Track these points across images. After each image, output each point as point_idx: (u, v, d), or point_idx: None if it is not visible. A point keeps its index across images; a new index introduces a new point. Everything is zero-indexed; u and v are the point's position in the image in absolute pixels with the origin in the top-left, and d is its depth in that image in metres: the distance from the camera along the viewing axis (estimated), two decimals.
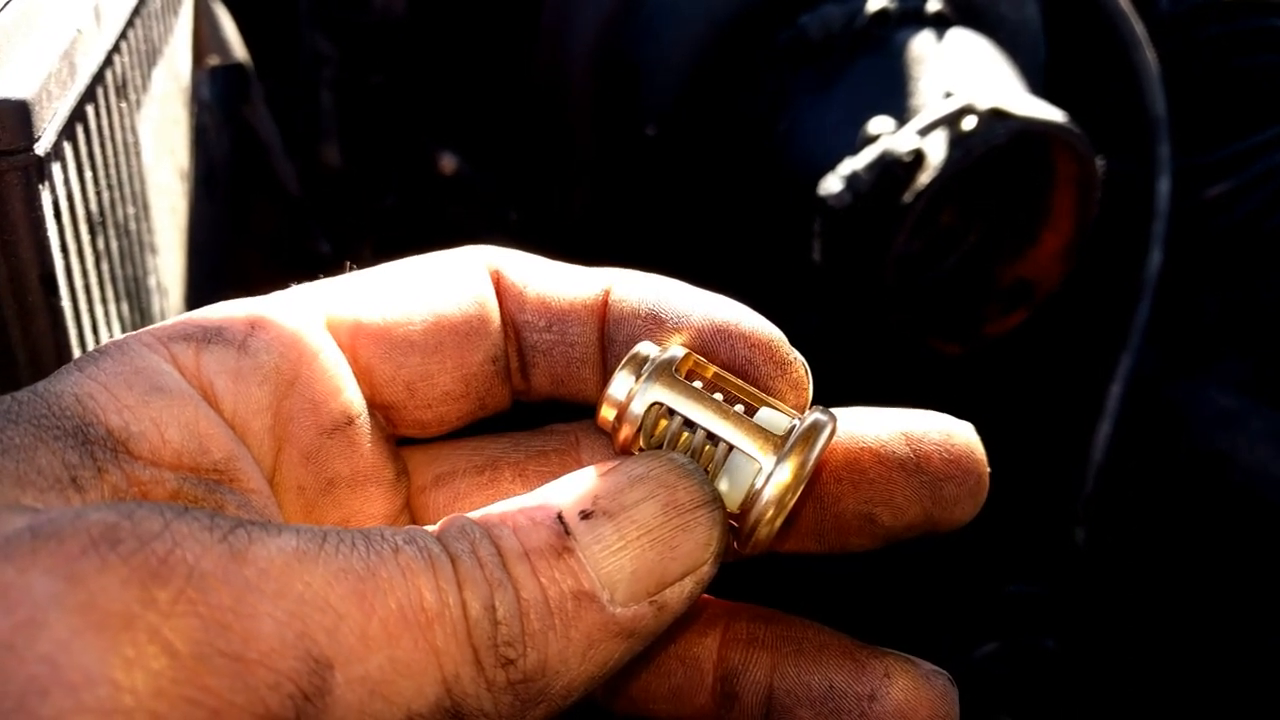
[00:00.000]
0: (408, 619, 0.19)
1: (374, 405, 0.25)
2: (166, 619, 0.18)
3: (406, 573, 0.20)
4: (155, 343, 0.23)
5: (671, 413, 0.23)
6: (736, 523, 0.23)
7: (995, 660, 0.75)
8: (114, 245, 0.42)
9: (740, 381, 0.24)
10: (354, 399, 0.24)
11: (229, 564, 0.19)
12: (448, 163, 0.79)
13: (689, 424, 0.23)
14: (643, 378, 0.23)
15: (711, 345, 0.24)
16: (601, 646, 0.20)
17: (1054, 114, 0.63)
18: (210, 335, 0.23)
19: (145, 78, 0.50)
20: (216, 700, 0.18)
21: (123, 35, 0.44)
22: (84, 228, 0.38)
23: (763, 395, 0.24)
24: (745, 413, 0.23)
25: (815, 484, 0.24)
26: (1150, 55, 0.74)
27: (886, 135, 0.62)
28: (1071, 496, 0.72)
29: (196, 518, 0.19)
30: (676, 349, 0.24)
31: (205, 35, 0.67)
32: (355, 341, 0.25)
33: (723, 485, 0.23)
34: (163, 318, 0.51)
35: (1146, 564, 0.77)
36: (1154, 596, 0.77)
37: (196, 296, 0.61)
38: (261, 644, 0.18)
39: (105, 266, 0.41)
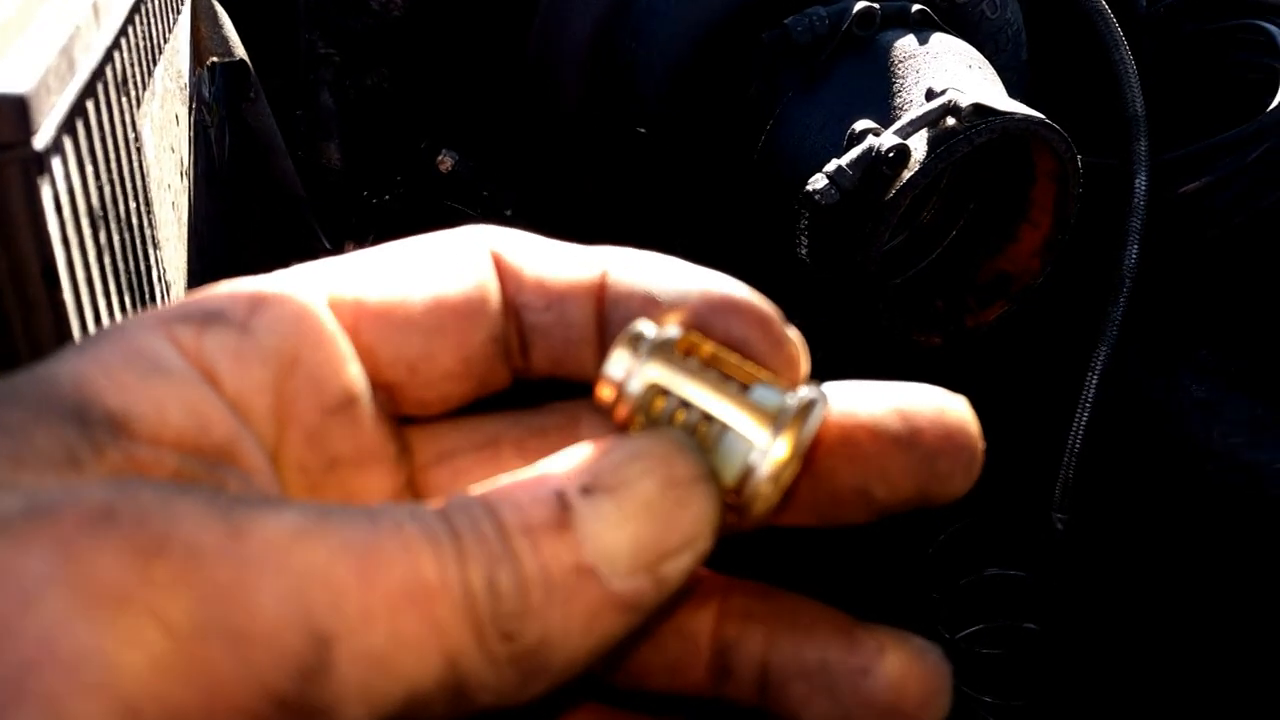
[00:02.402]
0: (410, 594, 0.19)
1: (376, 384, 0.25)
2: (165, 596, 0.18)
3: (409, 548, 0.19)
4: (156, 324, 0.23)
5: (668, 390, 0.23)
6: (733, 497, 0.23)
7: (977, 642, 0.78)
8: (116, 239, 0.43)
9: (737, 357, 0.24)
10: (357, 379, 0.24)
11: (229, 540, 0.18)
12: (446, 161, 0.80)
13: (685, 401, 0.23)
14: (640, 356, 0.23)
15: (708, 322, 0.24)
16: (602, 620, 0.20)
17: (1033, 113, 0.65)
18: (211, 316, 0.23)
19: (146, 75, 0.51)
20: (216, 676, 0.18)
21: (122, 32, 0.45)
22: (85, 221, 0.38)
23: (759, 371, 0.24)
24: (741, 388, 0.23)
25: (811, 459, 0.24)
26: (1128, 54, 0.76)
27: (871, 134, 0.64)
28: (1050, 484, 0.74)
29: (196, 495, 0.19)
30: (673, 327, 0.24)
31: (206, 35, 0.68)
32: (357, 321, 0.24)
33: (719, 461, 0.23)
34: None
35: (1124, 549, 0.79)
36: (1131, 580, 0.79)
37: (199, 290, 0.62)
38: (262, 620, 0.18)
39: (107, 260, 0.41)
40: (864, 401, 0.24)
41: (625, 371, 0.23)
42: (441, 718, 0.20)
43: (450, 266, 0.25)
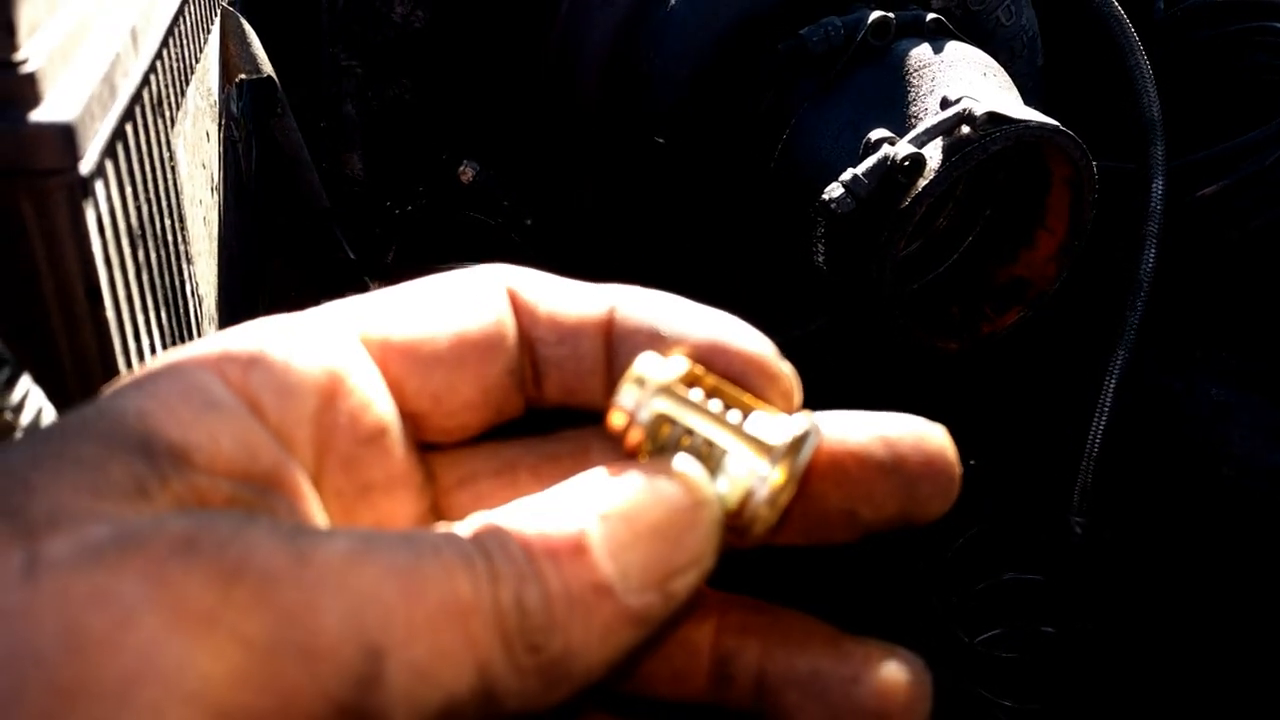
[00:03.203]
0: (448, 611, 0.21)
1: (403, 414, 0.27)
2: (244, 616, 0.20)
3: (447, 570, 0.22)
4: (207, 363, 0.25)
5: (674, 420, 0.25)
6: (735, 520, 0.25)
7: (995, 646, 0.78)
8: (153, 256, 0.44)
9: (736, 388, 0.26)
10: (387, 411, 0.26)
11: (295, 565, 0.21)
12: (467, 171, 0.81)
13: (690, 430, 0.25)
14: (648, 389, 0.25)
15: (708, 359, 0.26)
16: (617, 632, 0.23)
17: (1047, 120, 0.66)
18: (256, 355, 0.25)
19: (179, 95, 0.53)
20: (288, 687, 0.20)
21: (158, 56, 0.46)
22: (125, 241, 0.40)
23: (756, 401, 0.26)
24: (741, 417, 0.25)
25: (803, 484, 0.26)
26: (1144, 59, 0.76)
27: (886, 143, 0.65)
28: (1068, 488, 0.74)
29: (263, 524, 0.21)
30: (678, 360, 0.26)
31: (234, 52, 0.70)
32: (385, 357, 0.26)
33: (722, 486, 0.25)
34: (198, 322, 0.54)
35: (1141, 553, 0.79)
36: (1149, 584, 0.79)
37: (230, 302, 0.64)
38: (326, 636, 0.20)
39: (146, 277, 0.43)
40: (851, 430, 0.26)
41: (635, 402, 0.25)
42: None
43: (470, 304, 0.27)
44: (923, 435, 0.26)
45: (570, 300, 0.27)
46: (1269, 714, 0.72)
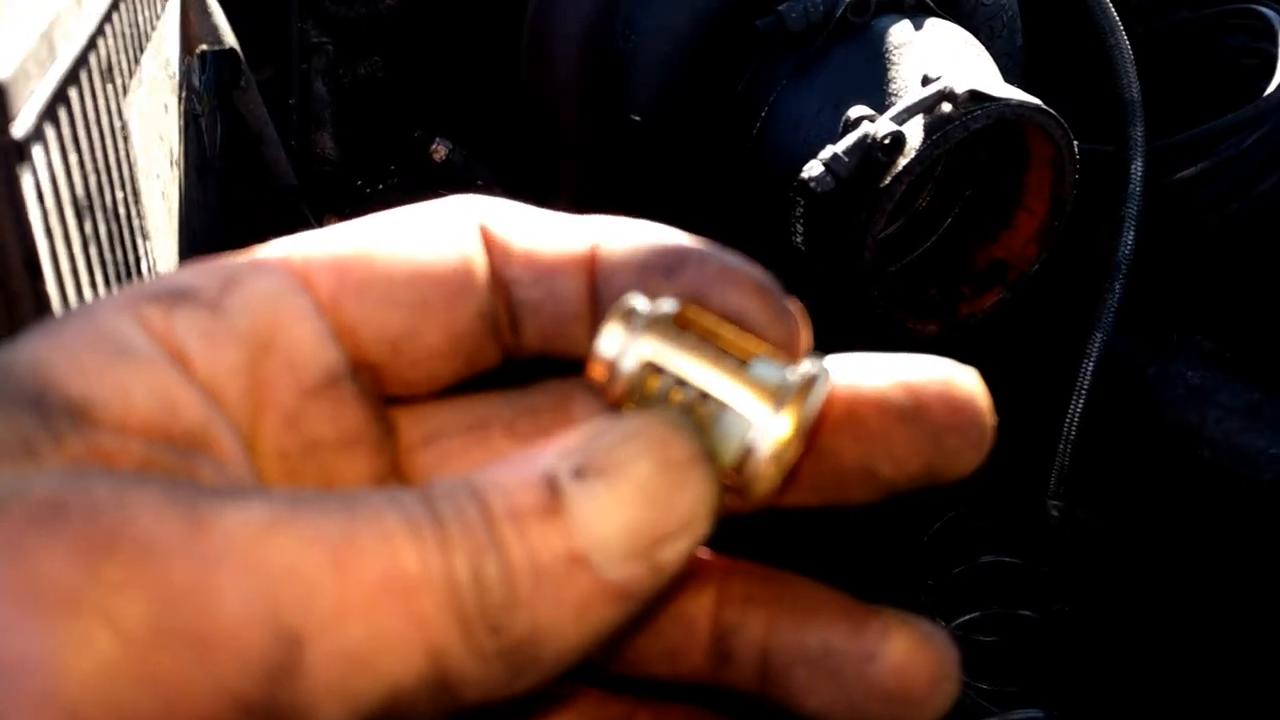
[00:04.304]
0: (389, 587, 0.18)
1: (359, 364, 0.24)
2: (116, 597, 0.17)
3: (388, 537, 0.18)
4: (123, 305, 0.21)
5: (663, 368, 0.22)
6: (733, 478, 0.22)
7: (973, 629, 0.78)
8: (103, 229, 0.42)
9: (735, 330, 0.23)
10: (336, 359, 0.23)
11: (188, 535, 0.17)
12: (439, 150, 0.80)
13: (681, 379, 0.22)
14: (633, 332, 0.22)
15: (704, 293, 0.23)
16: (595, 610, 0.19)
17: (1029, 99, 0.65)
18: (181, 295, 0.22)
19: (133, 63, 0.50)
20: (174, 683, 0.17)
21: (107, 19, 0.44)
22: (70, 211, 0.37)
23: (758, 345, 0.22)
24: (740, 364, 0.22)
25: (813, 437, 0.23)
26: (1124, 40, 0.76)
27: (866, 121, 0.64)
28: (1046, 471, 0.74)
29: (153, 486, 0.18)
30: (667, 300, 0.22)
31: (195, 23, 0.68)
32: (337, 298, 0.23)
33: (718, 440, 0.21)
34: None
35: (1119, 535, 0.79)
36: (1127, 567, 0.79)
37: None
38: (224, 621, 0.17)
39: (94, 250, 0.41)
40: (868, 375, 0.23)
41: (618, 349, 0.22)
42: (426, 716, 0.19)
43: (434, 239, 0.24)
44: (950, 380, 0.23)
45: (549, 235, 0.24)
46: (1248, 696, 0.72)
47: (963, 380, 0.23)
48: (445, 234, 0.24)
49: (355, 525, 0.18)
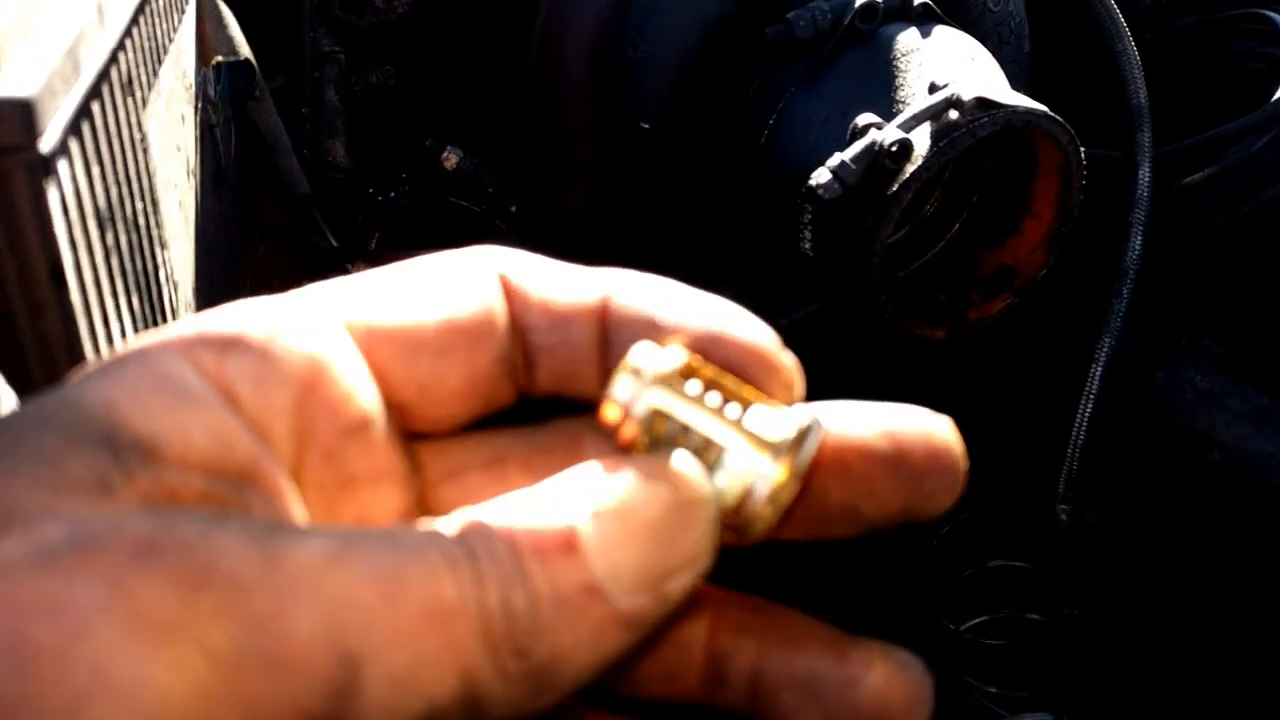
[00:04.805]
0: (431, 615, 0.20)
1: (388, 404, 0.26)
2: (208, 625, 0.19)
3: (430, 571, 0.20)
4: (178, 350, 0.23)
5: (670, 415, 0.24)
6: (733, 519, 0.24)
7: (981, 633, 0.78)
8: (123, 240, 0.43)
9: (735, 380, 0.25)
10: (371, 400, 0.25)
11: (265, 569, 0.19)
12: (451, 158, 0.81)
13: (687, 425, 0.24)
14: (643, 381, 0.24)
15: (707, 348, 0.25)
16: (608, 636, 0.21)
17: (1035, 105, 0.65)
18: (232, 340, 0.24)
19: (151, 75, 0.51)
20: (257, 701, 0.19)
21: (127, 33, 0.45)
22: (92, 223, 0.38)
23: (757, 394, 0.25)
24: (741, 411, 0.24)
25: (807, 480, 0.25)
26: (1131, 45, 0.76)
27: (874, 128, 0.64)
28: (1054, 475, 0.74)
29: (231, 525, 0.20)
30: (675, 350, 0.25)
31: (211, 34, 0.68)
32: (370, 343, 0.25)
33: (720, 483, 0.24)
34: (173, 308, 0.53)
35: (1127, 539, 0.79)
36: (1135, 571, 0.79)
37: (207, 289, 0.63)
38: (297, 645, 0.19)
39: (115, 260, 0.42)
40: (854, 423, 0.26)
41: (630, 396, 0.24)
42: None
43: (459, 289, 0.26)
44: (928, 429, 0.25)
45: (563, 285, 0.26)
46: (1255, 699, 0.72)
47: (940, 429, 0.26)
48: (468, 283, 0.26)
49: (401, 559, 0.20)
